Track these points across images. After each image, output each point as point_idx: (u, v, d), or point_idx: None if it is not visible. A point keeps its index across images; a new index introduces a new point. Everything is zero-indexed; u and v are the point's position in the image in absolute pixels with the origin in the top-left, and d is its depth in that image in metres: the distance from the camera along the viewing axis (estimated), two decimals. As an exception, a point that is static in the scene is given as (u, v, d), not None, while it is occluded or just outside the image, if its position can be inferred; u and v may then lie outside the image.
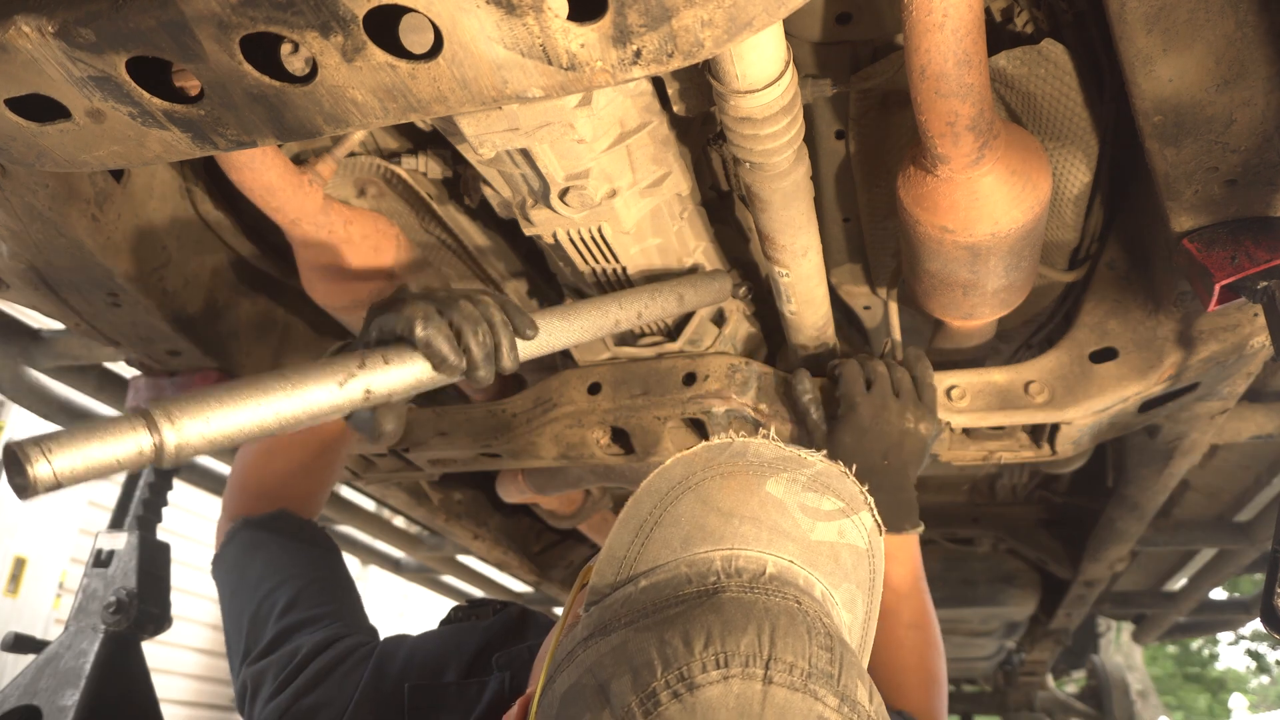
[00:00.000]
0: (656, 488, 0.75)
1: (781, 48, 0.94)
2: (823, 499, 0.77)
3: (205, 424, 0.78)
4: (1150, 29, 0.87)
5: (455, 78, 0.74)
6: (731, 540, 0.72)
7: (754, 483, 0.75)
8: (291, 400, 0.85)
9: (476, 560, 3.42)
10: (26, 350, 1.83)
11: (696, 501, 0.74)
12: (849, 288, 1.75)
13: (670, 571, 0.71)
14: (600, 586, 0.74)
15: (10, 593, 5.39)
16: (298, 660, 1.11)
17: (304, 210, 1.22)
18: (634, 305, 1.29)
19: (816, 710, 0.64)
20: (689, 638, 0.65)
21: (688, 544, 0.73)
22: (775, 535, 0.74)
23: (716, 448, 0.76)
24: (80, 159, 0.86)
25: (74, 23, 0.71)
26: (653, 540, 0.73)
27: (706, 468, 0.75)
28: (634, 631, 0.68)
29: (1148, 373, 1.33)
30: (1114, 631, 6.51)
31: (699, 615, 0.67)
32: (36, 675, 1.34)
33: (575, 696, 0.67)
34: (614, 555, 0.74)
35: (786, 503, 0.75)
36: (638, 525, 0.74)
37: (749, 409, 1.48)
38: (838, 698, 0.65)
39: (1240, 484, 2.73)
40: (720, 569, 0.71)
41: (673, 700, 0.63)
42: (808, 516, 0.76)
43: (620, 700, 0.64)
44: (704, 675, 0.63)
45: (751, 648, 0.65)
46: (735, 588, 0.69)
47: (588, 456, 1.55)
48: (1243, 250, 1.06)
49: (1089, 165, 1.27)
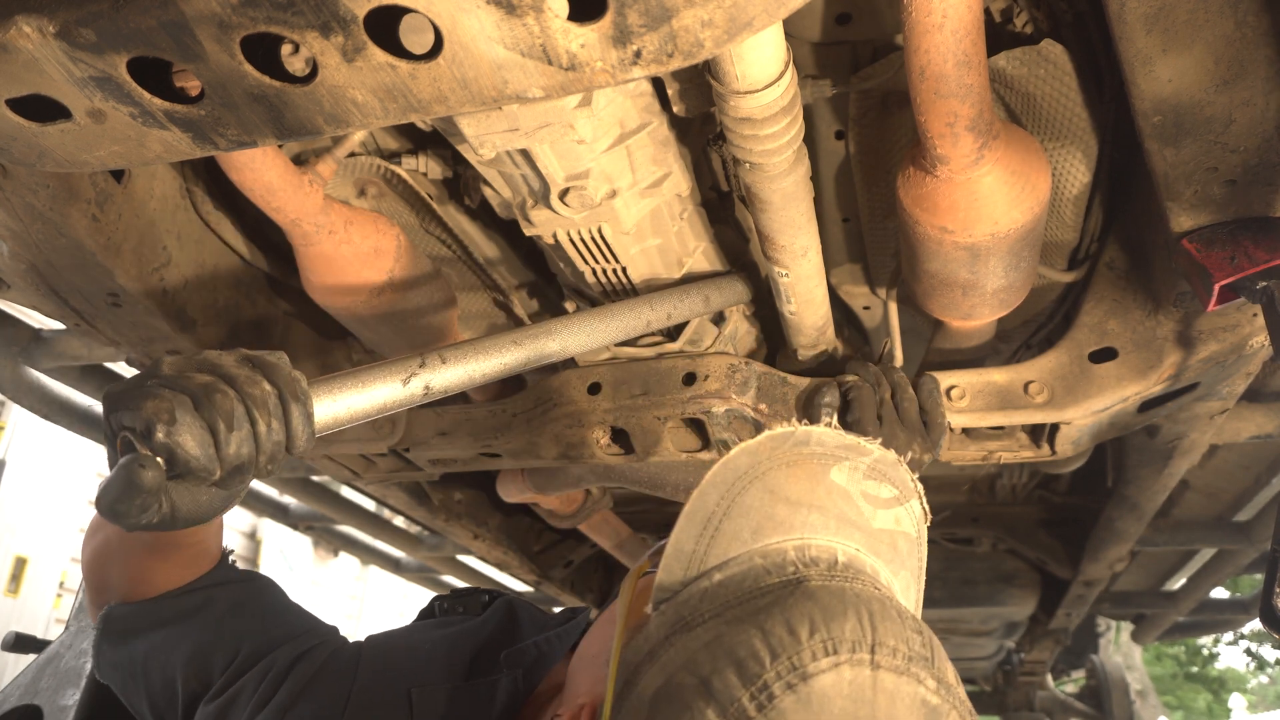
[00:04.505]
0: (722, 479, 0.73)
1: (781, 48, 0.94)
2: (881, 486, 0.76)
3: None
4: (1150, 29, 0.87)
5: (455, 78, 0.74)
6: (801, 529, 0.72)
7: (819, 471, 0.74)
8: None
9: (476, 560, 3.43)
10: (27, 350, 1.83)
11: (764, 492, 0.73)
12: (849, 288, 1.76)
13: (745, 564, 0.70)
14: (669, 583, 0.71)
15: (11, 592, 5.39)
16: (273, 673, 1.06)
17: (304, 210, 1.22)
18: (664, 307, 1.32)
19: (920, 693, 0.64)
20: (792, 626, 0.64)
21: (758, 535, 0.71)
22: (842, 524, 0.73)
23: (780, 437, 0.75)
24: (81, 159, 0.86)
25: (75, 23, 0.71)
26: (722, 533, 0.72)
27: (771, 457, 0.74)
28: (725, 625, 0.66)
29: (1147, 373, 1.34)
30: (1113, 631, 6.51)
31: (796, 603, 0.66)
32: (37, 674, 1.35)
33: (671, 696, 0.65)
34: (681, 550, 0.72)
35: (850, 491, 0.75)
36: (705, 518, 0.72)
37: (749, 409, 1.48)
38: (935, 680, 0.65)
39: (1240, 484, 2.73)
40: (795, 558, 0.70)
41: (787, 691, 0.61)
42: (869, 504, 0.75)
43: (726, 695, 0.62)
44: (815, 664, 0.62)
45: (856, 633, 0.64)
46: (817, 576, 0.69)
47: (588, 456, 1.55)
48: (1242, 250, 1.06)
49: (1088, 165, 1.27)
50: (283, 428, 0.80)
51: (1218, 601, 4.50)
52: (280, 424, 0.80)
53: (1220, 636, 15.74)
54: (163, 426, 0.74)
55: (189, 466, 0.75)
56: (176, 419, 0.74)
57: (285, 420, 0.80)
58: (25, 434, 5.47)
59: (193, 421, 0.75)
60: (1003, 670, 5.77)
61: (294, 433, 0.81)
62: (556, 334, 1.21)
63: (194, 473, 0.76)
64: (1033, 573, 3.64)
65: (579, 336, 1.23)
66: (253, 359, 0.82)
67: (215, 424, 0.76)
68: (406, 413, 1.61)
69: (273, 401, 0.79)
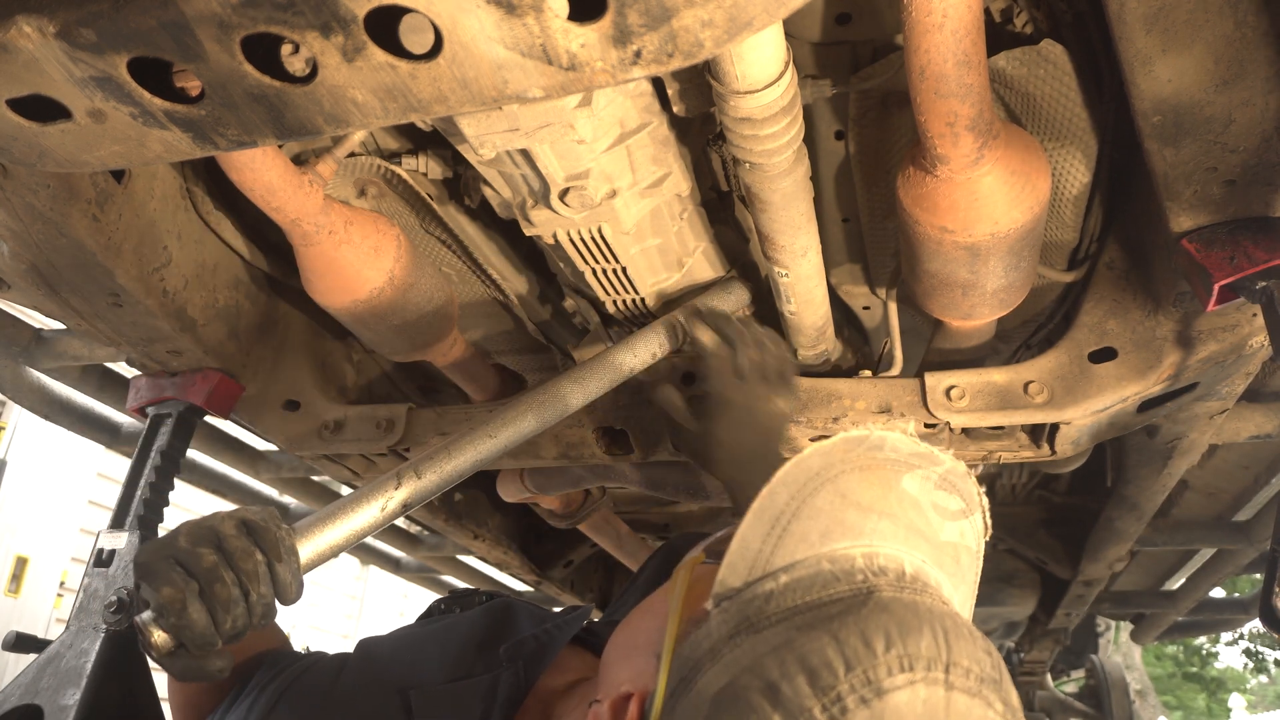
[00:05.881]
0: (793, 478, 0.72)
1: (781, 48, 0.94)
2: (950, 498, 0.75)
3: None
4: (1149, 29, 0.87)
5: (455, 78, 0.74)
6: (870, 536, 0.70)
7: (891, 478, 0.73)
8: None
9: (476, 560, 3.43)
10: (27, 350, 1.83)
11: (835, 495, 0.71)
12: (849, 288, 1.75)
13: (812, 567, 0.69)
14: (733, 581, 0.70)
15: (11, 592, 5.39)
16: (253, 683, 1.12)
17: (304, 210, 1.22)
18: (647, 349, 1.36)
19: (989, 717, 0.62)
20: (868, 637, 0.63)
21: (826, 539, 0.70)
22: (911, 534, 0.72)
23: (854, 440, 0.73)
24: (81, 159, 0.86)
25: (75, 23, 0.71)
26: (790, 534, 0.70)
27: (844, 460, 0.73)
28: (795, 630, 0.65)
29: (1147, 373, 1.33)
30: (1113, 631, 6.51)
31: (870, 614, 0.64)
32: (38, 675, 1.34)
33: (735, 698, 0.63)
34: (748, 548, 0.70)
35: (921, 500, 0.73)
36: (773, 518, 0.71)
37: (749, 409, 1.48)
38: (1003, 703, 0.64)
39: (1239, 484, 2.73)
40: (864, 566, 0.68)
41: (860, 706, 0.60)
42: (938, 515, 0.74)
43: (796, 703, 0.61)
44: (891, 679, 0.61)
45: (931, 650, 0.63)
46: (886, 586, 0.67)
47: (588, 456, 1.55)
48: (1241, 250, 1.06)
49: (1088, 165, 1.27)
50: (271, 592, 0.96)
51: (1217, 601, 4.50)
52: (269, 589, 0.95)
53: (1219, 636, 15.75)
54: (175, 615, 0.90)
55: (195, 642, 0.91)
56: (186, 607, 0.90)
57: (274, 583, 0.96)
58: (25, 434, 5.47)
59: (200, 610, 0.90)
60: (1002, 670, 5.76)
61: (283, 591, 0.96)
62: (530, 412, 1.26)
63: (199, 646, 0.91)
64: (1032, 572, 3.64)
65: (551, 410, 1.27)
66: (249, 524, 0.96)
67: (215, 610, 0.91)
68: (406, 413, 1.61)
69: (263, 571, 0.94)
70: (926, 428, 1.42)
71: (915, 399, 1.42)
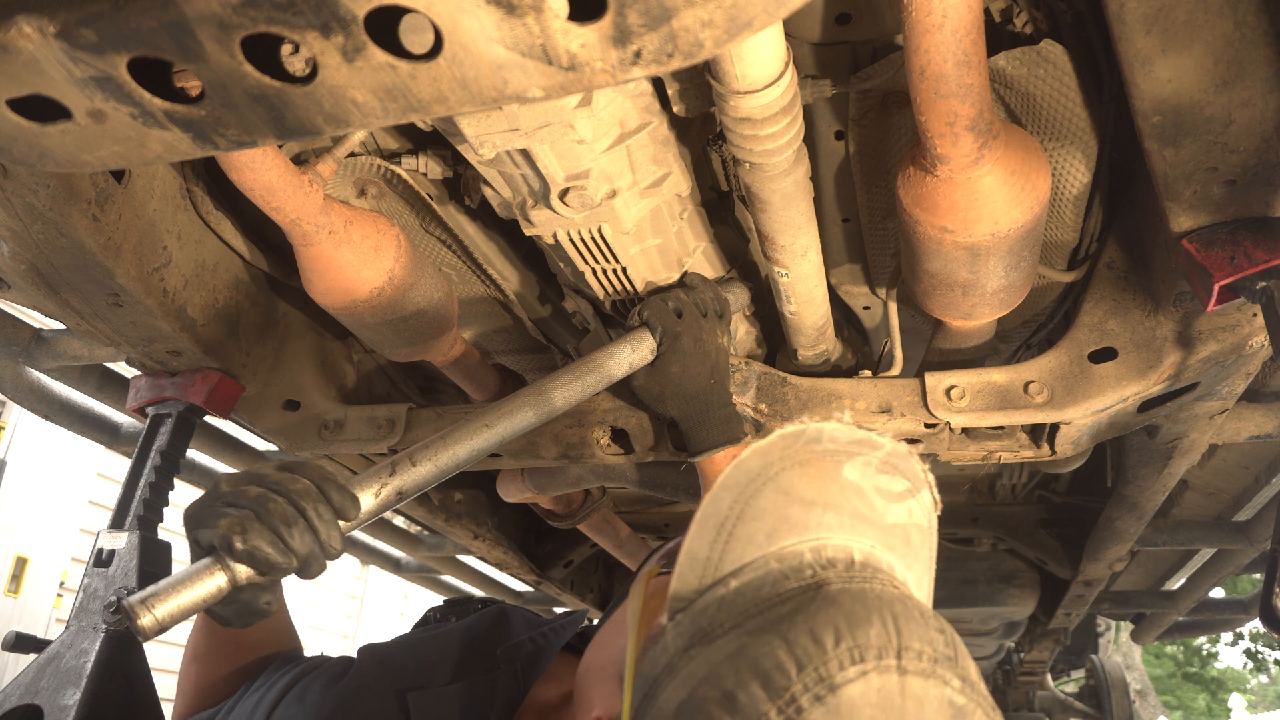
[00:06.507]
0: (735, 482, 0.72)
1: (781, 48, 0.94)
2: (894, 480, 0.75)
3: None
4: (1149, 29, 0.87)
5: (455, 78, 0.74)
6: (815, 530, 0.70)
7: (832, 469, 0.73)
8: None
9: (476, 560, 3.43)
10: (27, 350, 1.83)
11: (777, 493, 0.71)
12: (849, 288, 1.76)
13: (761, 569, 0.69)
14: (684, 592, 0.70)
15: (11, 592, 5.39)
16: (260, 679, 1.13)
17: (304, 210, 1.22)
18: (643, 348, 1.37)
19: (946, 694, 0.63)
20: (817, 634, 0.63)
21: (773, 538, 0.70)
22: (857, 521, 0.72)
23: (791, 435, 0.73)
24: (82, 159, 0.86)
25: (75, 23, 0.71)
26: (736, 538, 0.70)
27: (784, 457, 0.72)
28: (747, 635, 0.65)
29: (1147, 373, 1.34)
30: (1113, 631, 6.51)
31: (818, 610, 0.64)
32: (38, 674, 1.34)
33: (694, 711, 0.63)
34: (695, 557, 0.70)
35: (863, 486, 0.73)
36: (718, 524, 0.71)
37: (749, 409, 1.48)
38: (960, 679, 0.64)
39: (1239, 484, 2.73)
40: (812, 560, 0.69)
41: (815, 704, 0.60)
42: (883, 499, 0.74)
43: (752, 709, 0.60)
44: (843, 673, 0.61)
45: (881, 638, 0.63)
46: (835, 578, 0.67)
47: (588, 456, 1.55)
48: (1241, 250, 1.06)
49: (1088, 165, 1.27)
50: (329, 509, 0.96)
51: (1217, 601, 4.49)
52: (326, 508, 0.95)
53: (1219, 636, 15.75)
54: (239, 538, 0.89)
55: (269, 564, 0.90)
56: (247, 529, 0.89)
57: (327, 498, 0.96)
58: (25, 434, 5.47)
59: (261, 528, 0.90)
60: (1002, 670, 5.77)
61: (342, 508, 0.97)
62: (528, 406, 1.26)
63: (275, 568, 0.91)
64: (1032, 572, 3.64)
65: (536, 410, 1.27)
66: (286, 463, 0.98)
67: (276, 527, 0.91)
68: (407, 413, 1.61)
69: (313, 490, 0.95)
70: (926, 427, 1.42)
71: (915, 399, 1.42)
